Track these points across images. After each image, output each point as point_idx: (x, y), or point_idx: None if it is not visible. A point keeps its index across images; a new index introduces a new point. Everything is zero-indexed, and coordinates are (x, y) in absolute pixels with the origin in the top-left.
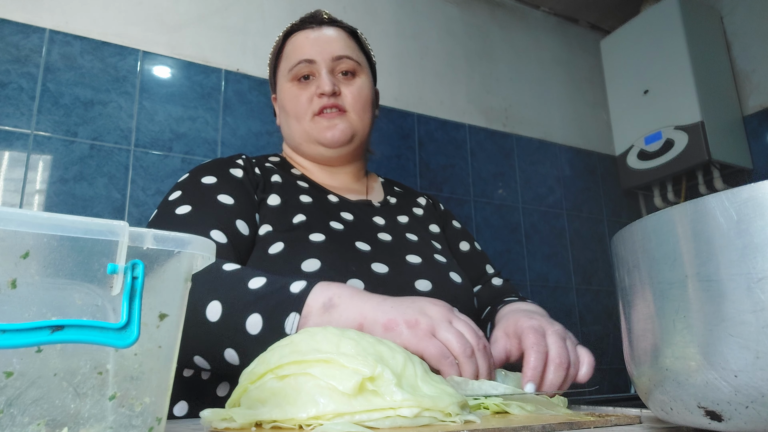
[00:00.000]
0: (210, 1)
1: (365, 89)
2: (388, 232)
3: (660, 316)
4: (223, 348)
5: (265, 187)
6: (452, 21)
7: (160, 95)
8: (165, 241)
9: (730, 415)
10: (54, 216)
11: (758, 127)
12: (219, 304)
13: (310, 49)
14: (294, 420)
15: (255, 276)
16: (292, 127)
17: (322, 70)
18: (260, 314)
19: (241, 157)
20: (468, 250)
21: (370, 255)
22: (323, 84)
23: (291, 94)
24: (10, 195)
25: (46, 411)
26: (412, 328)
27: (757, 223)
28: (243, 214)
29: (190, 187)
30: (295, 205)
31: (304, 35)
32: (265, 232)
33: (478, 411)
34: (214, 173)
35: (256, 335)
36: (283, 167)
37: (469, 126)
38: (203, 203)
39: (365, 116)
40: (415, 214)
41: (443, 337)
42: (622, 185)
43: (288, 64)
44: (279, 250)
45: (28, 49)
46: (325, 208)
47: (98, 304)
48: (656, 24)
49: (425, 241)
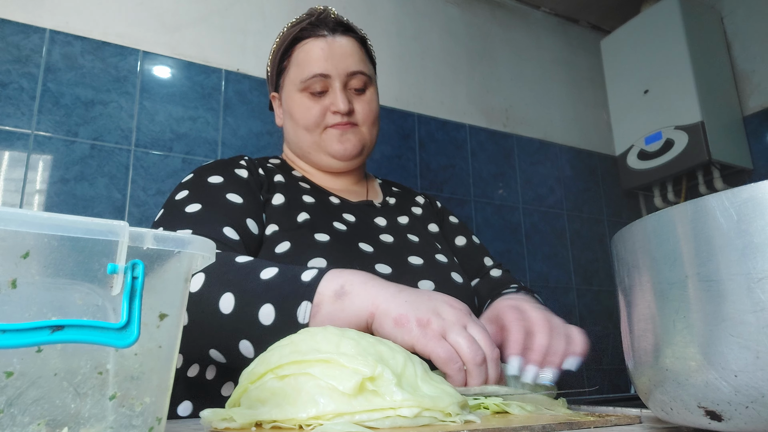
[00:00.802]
0: (210, 1)
1: (375, 102)
2: (389, 233)
3: (660, 316)
4: (237, 340)
5: (269, 188)
6: (453, 21)
7: (160, 95)
8: (165, 241)
9: (730, 415)
10: (54, 216)
11: (758, 128)
12: (231, 296)
13: (325, 63)
14: (294, 420)
15: (267, 267)
16: (300, 136)
17: (336, 85)
18: (272, 304)
19: (243, 158)
20: (464, 244)
21: (373, 256)
22: (338, 103)
23: (302, 105)
24: (10, 195)
25: (47, 411)
26: (422, 327)
27: (757, 223)
28: (252, 213)
29: (197, 187)
30: (299, 204)
31: (318, 45)
32: (272, 231)
33: (478, 411)
34: (220, 173)
35: (270, 326)
36: (283, 169)
37: (470, 126)
38: (213, 201)
39: (374, 129)
40: (414, 213)
41: (454, 341)
42: (622, 185)
43: (300, 74)
44: (286, 249)
45: (29, 49)
46: (327, 209)
47: (98, 304)
48: (656, 24)
49: (426, 241)
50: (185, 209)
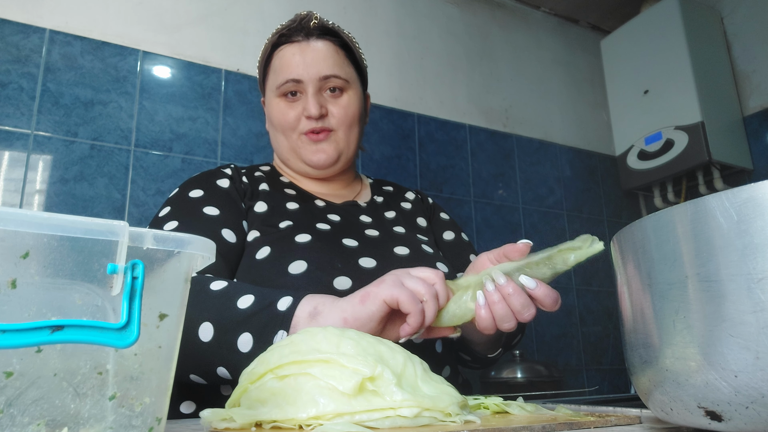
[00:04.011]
0: (210, 1)
1: (352, 106)
2: (375, 228)
3: (660, 317)
4: (215, 366)
5: (252, 195)
6: (453, 21)
7: (160, 95)
8: (165, 241)
9: (730, 416)
10: (54, 216)
11: (758, 128)
12: (210, 325)
13: (296, 68)
14: (294, 420)
15: (243, 294)
16: (279, 140)
17: (309, 89)
18: (251, 333)
19: (229, 167)
20: (452, 239)
21: (357, 250)
22: (310, 107)
23: (279, 109)
24: (10, 195)
25: (46, 411)
26: (381, 284)
27: (757, 223)
28: (229, 223)
29: (178, 202)
30: (282, 212)
31: (291, 51)
32: (253, 238)
33: (478, 411)
34: (201, 186)
35: (248, 352)
36: (272, 176)
37: (470, 126)
38: (189, 218)
39: (351, 134)
40: (402, 208)
41: (411, 286)
42: (622, 186)
43: (275, 80)
44: (266, 254)
45: (29, 49)
46: (311, 212)
47: (98, 304)
48: (656, 24)
49: (412, 233)
50: (164, 227)
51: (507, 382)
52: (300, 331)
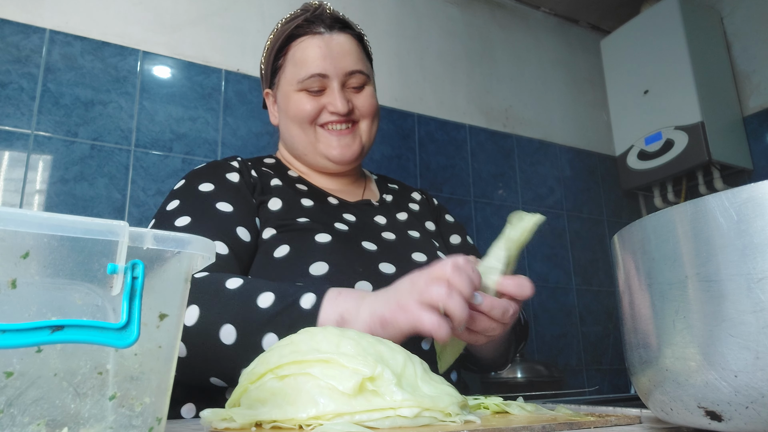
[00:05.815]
0: (210, 1)
1: (374, 98)
2: (391, 231)
3: (660, 316)
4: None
5: (263, 190)
6: (453, 21)
7: (160, 95)
8: (165, 241)
9: (730, 416)
10: (54, 216)
11: (758, 128)
12: (232, 327)
13: (323, 62)
14: (294, 420)
15: (261, 292)
16: (294, 134)
17: (334, 85)
18: (276, 334)
19: (236, 159)
20: (458, 243)
21: (376, 255)
22: (337, 103)
23: (298, 102)
24: (10, 195)
25: (46, 411)
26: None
27: (757, 223)
28: (243, 220)
29: (187, 196)
30: (298, 208)
31: (315, 43)
32: (270, 235)
33: (478, 411)
34: (211, 179)
35: None
36: (279, 170)
37: (470, 126)
38: (202, 213)
39: (374, 125)
40: (412, 210)
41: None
42: (622, 186)
43: (297, 74)
44: (285, 253)
45: (29, 50)
46: (326, 210)
47: (98, 304)
48: (656, 24)
49: (426, 237)
50: (175, 222)
51: (507, 382)
52: (300, 330)
